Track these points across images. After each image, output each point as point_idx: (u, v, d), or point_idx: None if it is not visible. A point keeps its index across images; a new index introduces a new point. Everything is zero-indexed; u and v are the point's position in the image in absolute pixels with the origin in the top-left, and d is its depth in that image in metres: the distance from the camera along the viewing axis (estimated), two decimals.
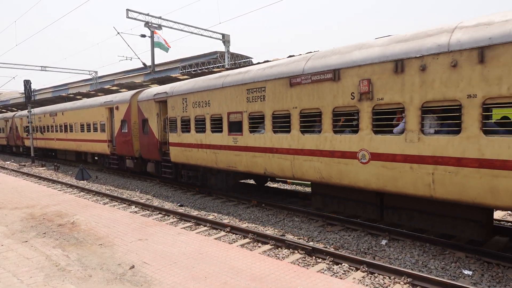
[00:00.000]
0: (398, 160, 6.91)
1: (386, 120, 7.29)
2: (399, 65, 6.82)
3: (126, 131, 16.73)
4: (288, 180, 14.68)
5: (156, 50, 21.63)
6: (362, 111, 7.43)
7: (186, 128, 12.92)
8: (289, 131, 9.07)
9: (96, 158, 21.55)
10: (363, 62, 7.40)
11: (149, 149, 15.19)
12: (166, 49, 21.28)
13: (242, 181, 13.86)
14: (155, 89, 15.05)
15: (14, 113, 34.75)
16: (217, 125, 11.44)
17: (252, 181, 14.51)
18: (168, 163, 14.24)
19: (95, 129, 19.35)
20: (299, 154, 8.89)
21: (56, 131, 24.65)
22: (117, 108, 17.34)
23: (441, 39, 6.35)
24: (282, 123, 9.35)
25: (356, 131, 7.63)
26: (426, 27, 7.54)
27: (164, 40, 21.07)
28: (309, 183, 9.87)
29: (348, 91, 7.68)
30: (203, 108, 11.89)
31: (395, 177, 6.99)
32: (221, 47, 27.18)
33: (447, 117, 6.48)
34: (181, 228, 8.84)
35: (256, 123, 10.19)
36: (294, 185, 14.51)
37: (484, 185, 5.85)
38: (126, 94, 17.10)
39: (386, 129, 7.23)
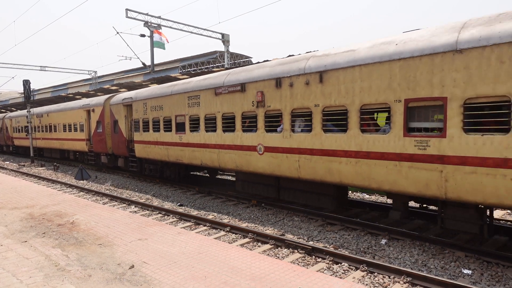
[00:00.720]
0: (279, 151, 9.53)
1: (273, 122, 9.81)
2: (278, 82, 9.38)
3: (101, 131, 19.04)
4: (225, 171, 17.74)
5: (156, 49, 21.64)
6: (259, 115, 10.01)
7: (146, 128, 15.34)
8: (215, 130, 11.61)
9: (77, 155, 24.11)
10: (259, 79, 9.95)
11: (119, 146, 17.61)
12: (163, 46, 21.25)
13: (195, 173, 16.91)
14: (123, 94, 17.36)
15: (4, 114, 36.35)
16: (168, 125, 13.93)
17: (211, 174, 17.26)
18: (134, 158, 16.77)
19: (75, 129, 21.77)
20: (222, 148, 11.43)
21: (42, 131, 26.86)
22: (93, 110, 19.65)
23: (301, 65, 8.92)
24: (211, 124, 11.83)
25: (255, 130, 10.18)
26: (299, 54, 10.25)
27: (165, 37, 21.03)
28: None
29: (250, 100, 10.25)
30: (158, 111, 14.45)
31: (279, 164, 9.58)
32: (220, 47, 27.17)
33: (306, 120, 9.02)
34: (181, 228, 8.84)
35: (195, 124, 12.65)
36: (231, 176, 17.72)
37: (324, 168, 8.49)
38: (101, 98, 19.31)
39: (273, 129, 9.79)
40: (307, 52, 9.80)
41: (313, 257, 6.99)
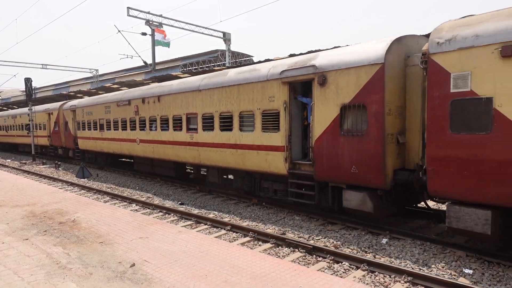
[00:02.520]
0: (147, 142, 15.30)
1: (143, 124, 15.41)
2: (145, 100, 15.11)
3: (57, 129, 24.80)
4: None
5: (158, 48, 21.61)
6: (136, 120, 15.88)
7: (84, 127, 20.91)
8: (117, 129, 17.45)
9: (43, 149, 29.56)
10: (134, 98, 15.92)
11: (68, 141, 23.40)
12: (166, 44, 21.22)
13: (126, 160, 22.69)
14: (71, 102, 23.49)
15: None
16: (95, 125, 19.56)
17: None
18: (78, 149, 22.50)
19: (40, 128, 27.51)
20: (121, 141, 17.35)
21: (17, 129, 32.67)
22: (52, 113, 25.54)
23: (152, 91, 14.83)
24: (116, 125, 17.47)
25: (135, 129, 16.15)
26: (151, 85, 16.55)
27: (165, 35, 21.00)
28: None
29: (132, 110, 16.07)
30: (90, 115, 20.08)
31: (146, 150, 15.39)
32: (222, 46, 27.14)
33: (164, 123, 14.30)
34: (182, 227, 8.85)
35: (108, 124, 18.20)
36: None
37: (166, 151, 14.03)
38: (57, 104, 25.26)
39: (143, 128, 15.47)
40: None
41: (314, 256, 6.99)
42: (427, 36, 7.73)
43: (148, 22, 20.45)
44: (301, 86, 9.56)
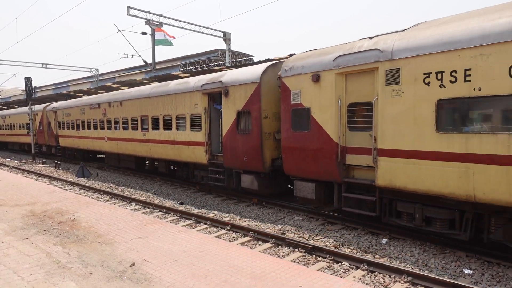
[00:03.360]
0: (114, 140, 17.82)
1: (110, 124, 18.03)
2: (111, 104, 17.76)
3: (41, 128, 27.55)
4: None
5: (158, 47, 21.58)
6: (104, 121, 18.57)
7: (64, 127, 23.85)
8: (90, 128, 20.54)
9: (26, 147, 33.16)
10: (103, 102, 18.57)
11: (51, 139, 26.25)
12: (169, 43, 21.18)
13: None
14: (54, 104, 25.99)
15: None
16: (73, 125, 22.56)
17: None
18: (59, 147, 25.63)
19: (26, 127, 30.19)
20: (94, 138, 20.18)
21: (4, 129, 35.85)
22: (36, 114, 28.23)
23: (116, 96, 17.51)
24: (89, 125, 20.56)
25: (103, 129, 18.91)
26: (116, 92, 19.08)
27: (167, 34, 20.97)
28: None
29: (101, 113, 18.72)
30: (68, 116, 23.08)
31: (112, 146, 18.08)
32: (222, 46, 27.12)
33: (125, 124, 17.02)
34: (182, 226, 8.85)
35: (83, 125, 21.20)
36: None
37: (127, 147, 16.84)
38: (41, 106, 27.94)
39: (109, 128, 18.18)
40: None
41: (314, 256, 6.99)
42: None
43: (148, 22, 20.43)
44: (219, 96, 11.85)
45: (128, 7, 19.58)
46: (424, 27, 6.93)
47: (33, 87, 26.82)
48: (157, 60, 25.04)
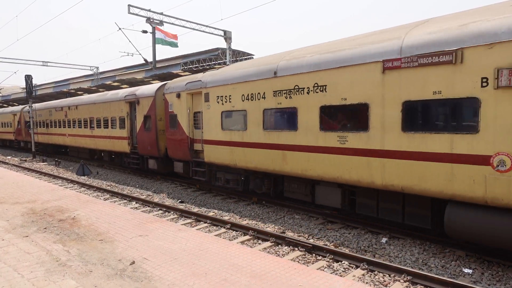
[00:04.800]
0: (78, 137, 22.16)
1: (73, 124, 22.53)
2: (70, 107, 22.81)
3: (20, 127, 32.70)
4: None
5: (159, 46, 21.55)
6: (66, 121, 23.62)
7: (42, 125, 28.09)
8: (58, 127, 24.91)
9: (7, 143, 39.00)
10: (65, 105, 23.55)
11: (27, 136, 30.49)
12: (173, 44, 21.09)
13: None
14: (28, 106, 29.71)
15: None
16: (44, 124, 27.23)
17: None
18: (37, 143, 28.91)
19: (7, 126, 36.08)
20: (59, 135, 24.82)
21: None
22: (16, 114, 33.57)
23: (74, 102, 22.80)
24: (56, 124, 24.83)
25: (65, 127, 23.94)
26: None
27: (169, 34, 20.90)
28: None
29: (63, 114, 23.99)
30: (40, 117, 28.07)
31: (76, 141, 22.65)
32: (222, 45, 27.08)
33: (79, 123, 22.01)
34: (182, 225, 8.85)
35: (55, 123, 25.46)
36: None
37: (81, 142, 22.07)
38: (19, 108, 33.13)
39: (73, 126, 22.67)
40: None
41: (314, 255, 6.99)
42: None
43: (148, 20, 20.38)
44: (136, 104, 16.25)
45: (129, 5, 19.55)
46: (220, 71, 11.52)
47: (33, 85, 26.82)
48: (157, 58, 25.03)
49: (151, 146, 15.12)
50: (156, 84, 15.60)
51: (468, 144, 5.95)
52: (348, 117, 7.78)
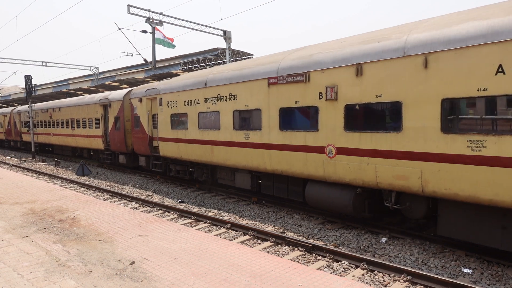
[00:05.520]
0: (61, 136, 24.49)
1: (59, 124, 24.76)
2: (54, 109, 25.48)
3: (10, 127, 34.80)
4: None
5: (159, 46, 21.55)
6: (52, 121, 26.04)
7: (24, 125, 30.51)
8: (44, 127, 27.89)
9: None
10: (51, 107, 26.02)
11: (16, 135, 33.58)
12: (170, 45, 21.11)
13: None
14: (17, 108, 33.26)
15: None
16: (35, 125, 28.70)
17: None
18: (22, 141, 33.12)
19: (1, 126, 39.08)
20: (46, 134, 27.62)
21: None
22: (6, 116, 35.84)
23: (58, 104, 25.53)
24: (43, 124, 27.84)
25: (51, 128, 26.58)
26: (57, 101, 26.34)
27: (168, 38, 20.91)
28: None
29: (48, 115, 26.65)
30: (34, 117, 29.85)
31: (60, 139, 25.09)
32: (222, 45, 27.02)
33: (62, 123, 24.67)
34: (182, 225, 8.84)
35: (38, 124, 28.36)
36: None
37: (60, 140, 25.29)
38: (9, 109, 35.62)
39: (57, 126, 25.12)
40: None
41: (313, 255, 6.99)
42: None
43: (148, 20, 20.38)
44: (109, 107, 18.68)
45: (128, 6, 19.54)
46: (171, 80, 13.82)
47: (33, 85, 26.80)
48: (157, 58, 25.02)
49: (121, 143, 17.47)
50: (124, 90, 18.03)
51: (314, 138, 8.32)
52: (250, 118, 10.05)
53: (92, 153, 22.63)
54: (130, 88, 17.39)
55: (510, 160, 5.45)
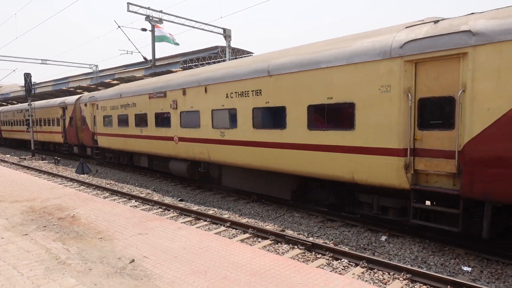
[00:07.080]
0: (38, 132, 29.15)
1: (44, 123, 28.05)
2: (33, 110, 29.14)
3: None
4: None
5: (158, 44, 21.46)
6: (33, 120, 29.40)
7: (5, 124, 35.74)
8: (18, 126, 33.84)
9: None
10: (39, 107, 28.91)
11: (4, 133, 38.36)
12: (175, 42, 20.99)
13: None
14: (28, 104, 34.67)
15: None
16: (9, 123, 35.19)
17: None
18: (2, 138, 37.35)
19: None
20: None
21: None
22: None
23: (36, 105, 29.75)
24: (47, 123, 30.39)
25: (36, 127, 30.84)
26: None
27: (170, 34, 20.83)
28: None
29: (24, 116, 31.95)
30: (6, 117, 35.92)
31: (46, 137, 28.33)
32: (222, 43, 27.00)
33: (41, 122, 29.24)
34: (181, 223, 8.85)
35: (14, 123, 34.46)
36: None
37: (44, 136, 29.09)
38: None
39: (43, 124, 28.67)
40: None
41: (313, 253, 7.00)
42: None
43: (148, 18, 20.32)
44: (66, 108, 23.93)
45: (128, 3, 19.48)
46: (105, 91, 17.79)
47: (32, 83, 26.76)
48: (157, 56, 24.98)
49: (74, 137, 22.66)
50: (76, 96, 23.33)
51: (166, 132, 13.58)
52: (142, 119, 15.14)
53: (56, 146, 28.16)
54: (80, 95, 22.54)
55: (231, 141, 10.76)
